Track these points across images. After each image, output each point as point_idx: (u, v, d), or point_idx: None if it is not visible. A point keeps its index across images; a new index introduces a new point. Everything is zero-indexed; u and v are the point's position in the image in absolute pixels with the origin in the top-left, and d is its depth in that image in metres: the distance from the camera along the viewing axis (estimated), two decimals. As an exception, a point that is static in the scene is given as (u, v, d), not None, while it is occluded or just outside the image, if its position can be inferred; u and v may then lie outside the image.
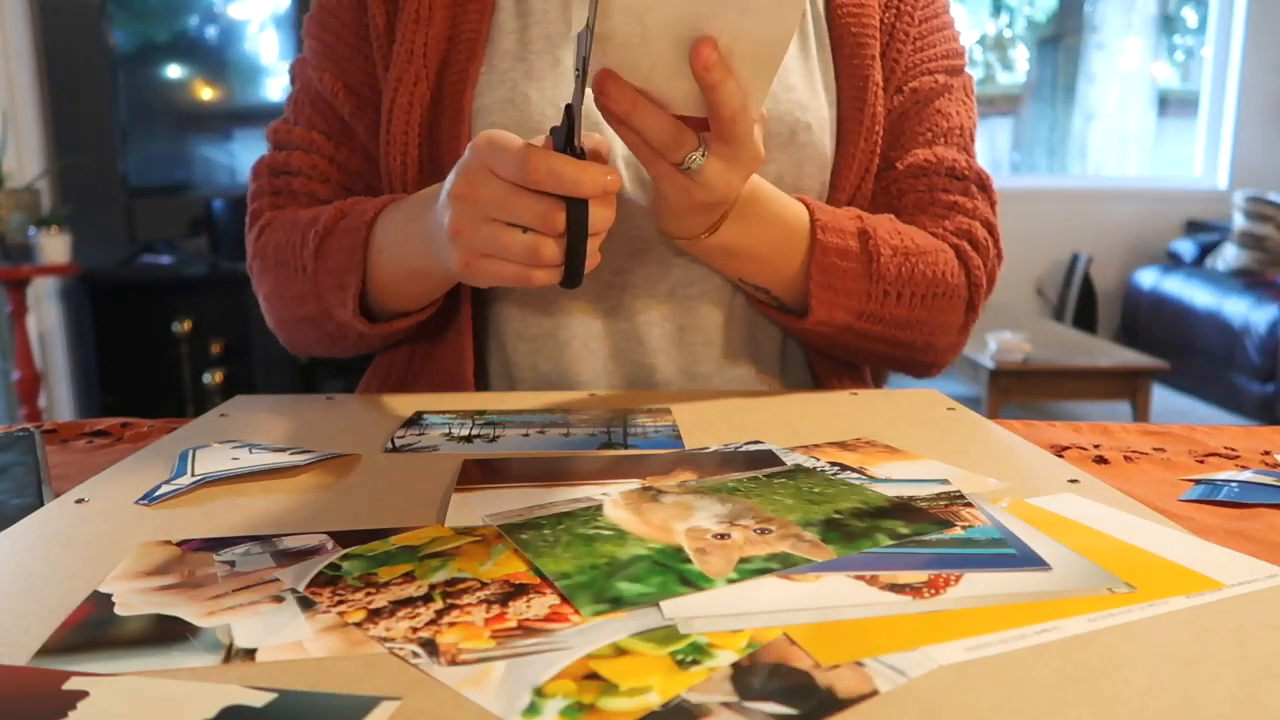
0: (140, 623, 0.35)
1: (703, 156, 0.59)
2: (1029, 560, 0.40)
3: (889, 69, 0.81)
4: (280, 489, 0.51)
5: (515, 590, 0.38)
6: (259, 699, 0.30)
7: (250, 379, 3.29)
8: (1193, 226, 4.82)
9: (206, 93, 3.61)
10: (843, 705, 0.29)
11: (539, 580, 0.38)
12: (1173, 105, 5.19)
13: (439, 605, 0.36)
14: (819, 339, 0.79)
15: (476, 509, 0.47)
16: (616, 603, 0.36)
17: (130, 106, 3.37)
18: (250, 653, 0.33)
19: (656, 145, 0.58)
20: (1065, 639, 0.33)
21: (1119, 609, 0.36)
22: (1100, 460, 0.60)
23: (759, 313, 0.81)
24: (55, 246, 2.88)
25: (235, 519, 0.46)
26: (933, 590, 0.37)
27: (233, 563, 0.41)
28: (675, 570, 0.39)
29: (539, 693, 0.30)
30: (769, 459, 0.55)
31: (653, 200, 0.67)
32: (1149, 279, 4.59)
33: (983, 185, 0.81)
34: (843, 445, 0.59)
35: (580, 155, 0.55)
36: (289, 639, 0.34)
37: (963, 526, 0.44)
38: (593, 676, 0.31)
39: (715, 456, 0.56)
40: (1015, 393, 3.18)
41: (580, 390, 0.78)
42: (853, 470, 0.53)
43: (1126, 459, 0.61)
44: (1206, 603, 0.36)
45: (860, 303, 0.74)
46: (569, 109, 0.56)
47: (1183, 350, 4.18)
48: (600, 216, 0.57)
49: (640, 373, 0.79)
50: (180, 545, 0.43)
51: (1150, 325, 4.52)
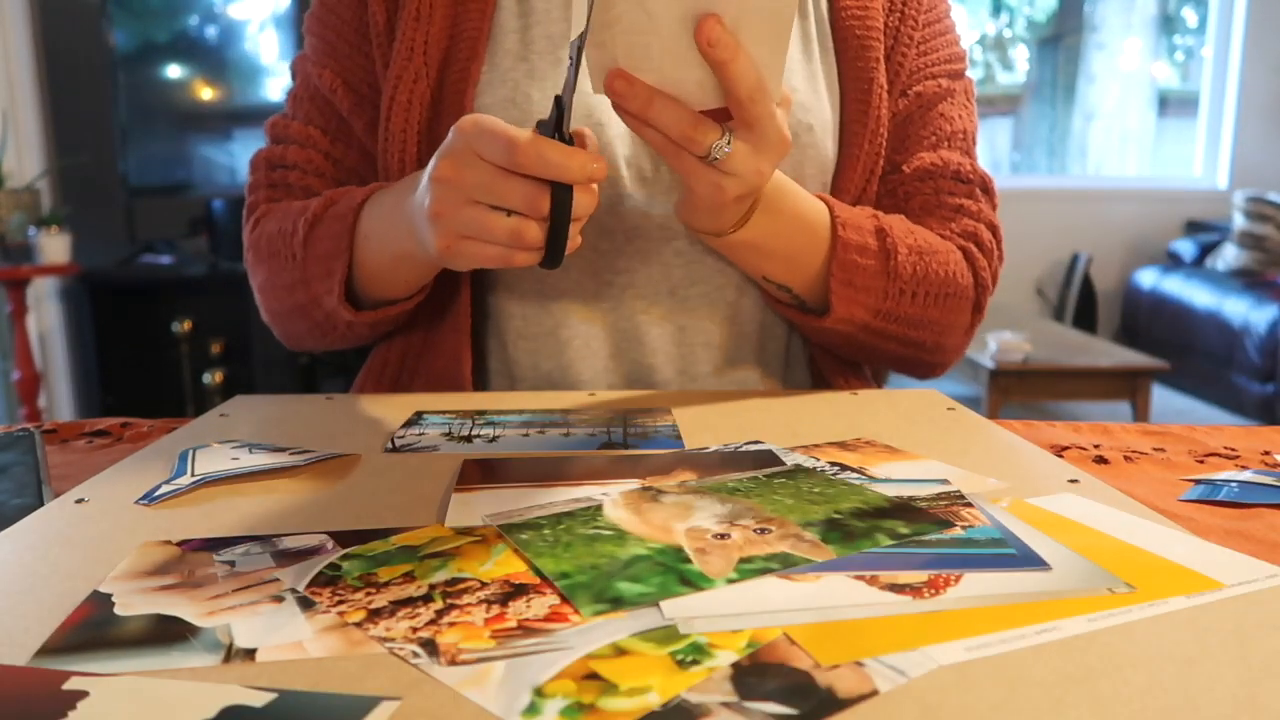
0: (140, 623, 0.35)
1: (728, 144, 0.59)
2: (1029, 560, 0.40)
3: (893, 72, 0.81)
4: (280, 489, 0.51)
5: (515, 590, 0.38)
6: (259, 699, 0.30)
7: (250, 379, 3.29)
8: (1193, 226, 4.82)
9: (206, 93, 3.61)
10: (843, 705, 0.29)
11: (539, 580, 0.38)
12: (1173, 105, 5.19)
13: (439, 605, 0.36)
14: (836, 338, 0.78)
15: (476, 509, 0.47)
16: (616, 603, 0.36)
17: (130, 106, 3.37)
18: (250, 653, 0.33)
19: (678, 138, 0.58)
20: (1065, 639, 0.33)
21: (1119, 609, 0.36)
22: (1100, 460, 0.60)
23: (775, 313, 0.82)
24: (55, 246, 2.88)
25: (235, 519, 0.46)
26: (933, 590, 0.37)
27: (233, 563, 0.41)
28: (675, 570, 0.39)
29: (539, 693, 0.30)
30: (769, 459, 0.55)
31: (681, 198, 0.67)
32: (1149, 279, 4.60)
33: (986, 188, 0.82)
34: (843, 445, 0.59)
35: (568, 142, 0.56)
36: (289, 639, 0.34)
37: (963, 526, 0.44)
38: (593, 676, 0.31)
39: (715, 456, 0.56)
40: (1015, 393, 3.18)
41: (580, 389, 0.78)
42: (853, 470, 0.53)
43: (1126, 459, 0.61)
44: (1206, 603, 0.36)
45: (878, 301, 0.75)
46: (558, 99, 0.56)
47: (1183, 350, 4.18)
48: (583, 202, 0.58)
49: (641, 372, 0.79)
50: (180, 545, 0.43)
51: (1150, 325, 4.52)
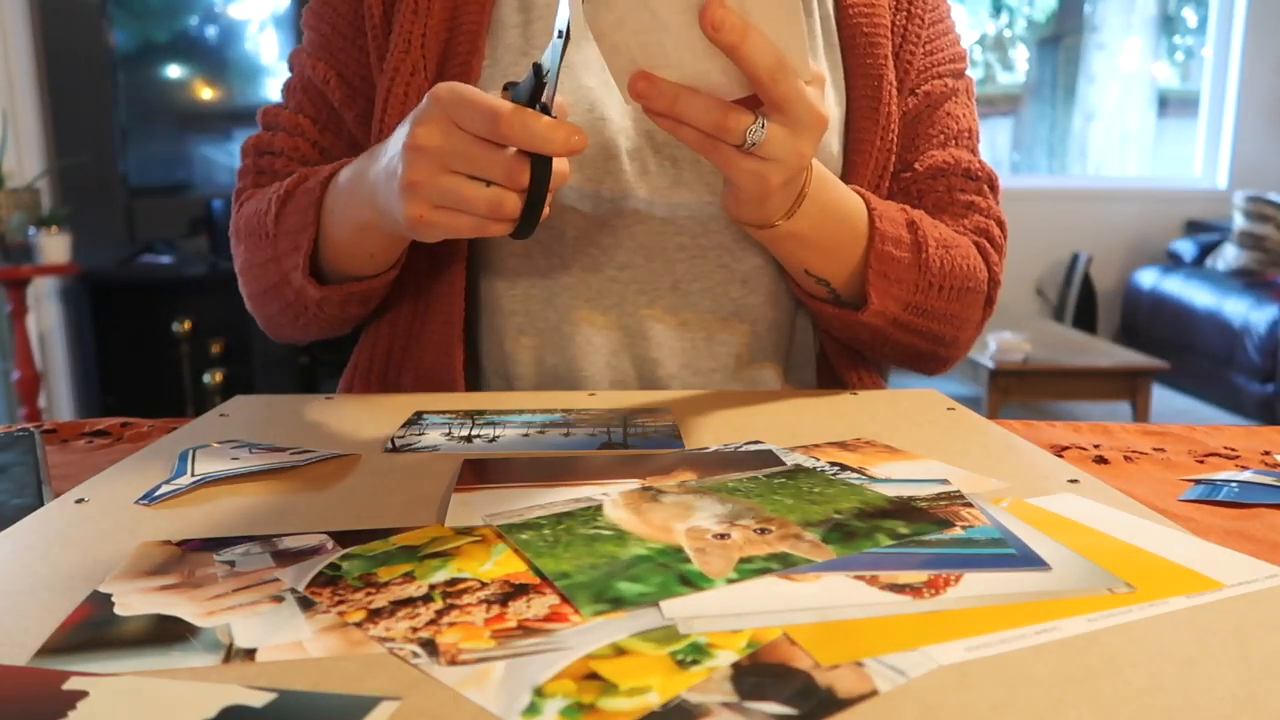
0: (140, 623, 0.35)
1: (762, 129, 0.57)
2: (1029, 560, 0.40)
3: (901, 71, 0.81)
4: (280, 489, 0.51)
5: (515, 590, 0.38)
6: (259, 699, 0.30)
7: (250, 379, 3.29)
8: (1193, 226, 4.82)
9: (206, 93, 3.61)
10: (843, 705, 0.29)
11: (539, 580, 0.38)
12: (1173, 105, 5.19)
13: (439, 605, 0.36)
14: (866, 333, 0.78)
15: (476, 509, 0.47)
16: (616, 603, 0.36)
17: (130, 106, 3.37)
18: (250, 653, 0.33)
19: (710, 129, 0.57)
20: (1065, 639, 0.33)
21: (1119, 609, 0.36)
22: (1100, 460, 0.60)
23: (782, 309, 0.82)
24: (55, 246, 2.88)
25: (235, 519, 0.46)
26: (933, 590, 0.37)
27: (233, 563, 0.41)
28: (675, 570, 0.39)
29: (539, 693, 0.30)
30: (769, 459, 0.55)
31: (726, 192, 0.66)
32: (1149, 279, 4.60)
33: (993, 185, 0.84)
34: (843, 445, 0.59)
35: (547, 113, 0.56)
36: (289, 639, 0.34)
37: (963, 526, 0.44)
38: (593, 676, 0.31)
39: (715, 456, 0.56)
40: (1015, 393, 3.18)
41: (584, 385, 0.78)
42: (853, 470, 0.53)
43: (1126, 459, 0.61)
44: (1206, 603, 0.36)
45: (909, 294, 0.75)
46: (537, 67, 0.56)
47: (1183, 350, 4.18)
48: (558, 174, 0.59)
49: (644, 368, 0.79)
50: (180, 545, 0.43)
51: (1150, 325, 4.52)
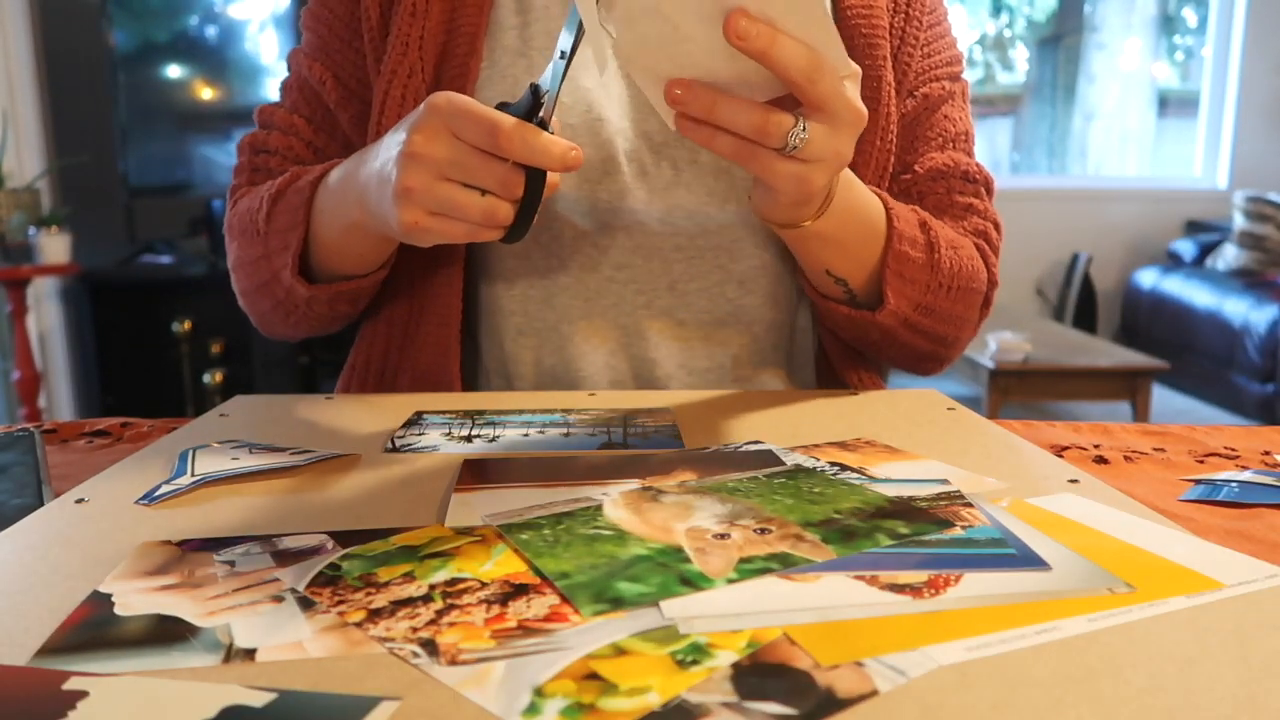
0: (140, 623, 0.35)
1: (804, 130, 0.55)
2: (1029, 560, 0.40)
3: (900, 73, 0.81)
4: (280, 489, 0.51)
5: (515, 590, 0.38)
6: (259, 699, 0.30)
7: (250, 379, 3.29)
8: (1193, 226, 4.82)
9: (206, 93, 3.61)
10: (843, 705, 0.29)
11: (539, 580, 0.38)
12: (1173, 105, 5.19)
13: (439, 605, 0.36)
14: (876, 334, 0.77)
15: (476, 509, 0.47)
16: (616, 603, 0.36)
17: (130, 106, 3.37)
18: (250, 653, 0.33)
19: (751, 133, 0.55)
20: (1065, 639, 0.33)
21: (1119, 609, 0.36)
22: (1100, 460, 0.60)
23: (781, 310, 0.82)
24: (55, 246, 2.88)
25: (235, 519, 0.46)
26: (933, 590, 0.37)
27: (233, 563, 0.41)
28: (675, 570, 0.39)
29: (539, 693, 0.30)
30: (769, 459, 0.55)
31: (759, 196, 0.65)
32: (1149, 279, 4.60)
33: (989, 188, 0.84)
34: (843, 445, 0.59)
35: (546, 129, 0.58)
36: (289, 639, 0.34)
37: (963, 526, 0.44)
38: (593, 676, 0.31)
39: (715, 456, 0.56)
40: (1015, 393, 3.18)
41: (583, 385, 0.78)
42: (853, 470, 0.53)
43: (1126, 459, 0.61)
44: (1206, 603, 0.36)
45: (920, 294, 0.75)
46: (535, 88, 0.58)
47: (1183, 350, 4.18)
48: (549, 184, 0.60)
49: (642, 367, 0.79)
50: (180, 545, 0.43)
51: (1150, 325, 4.52)
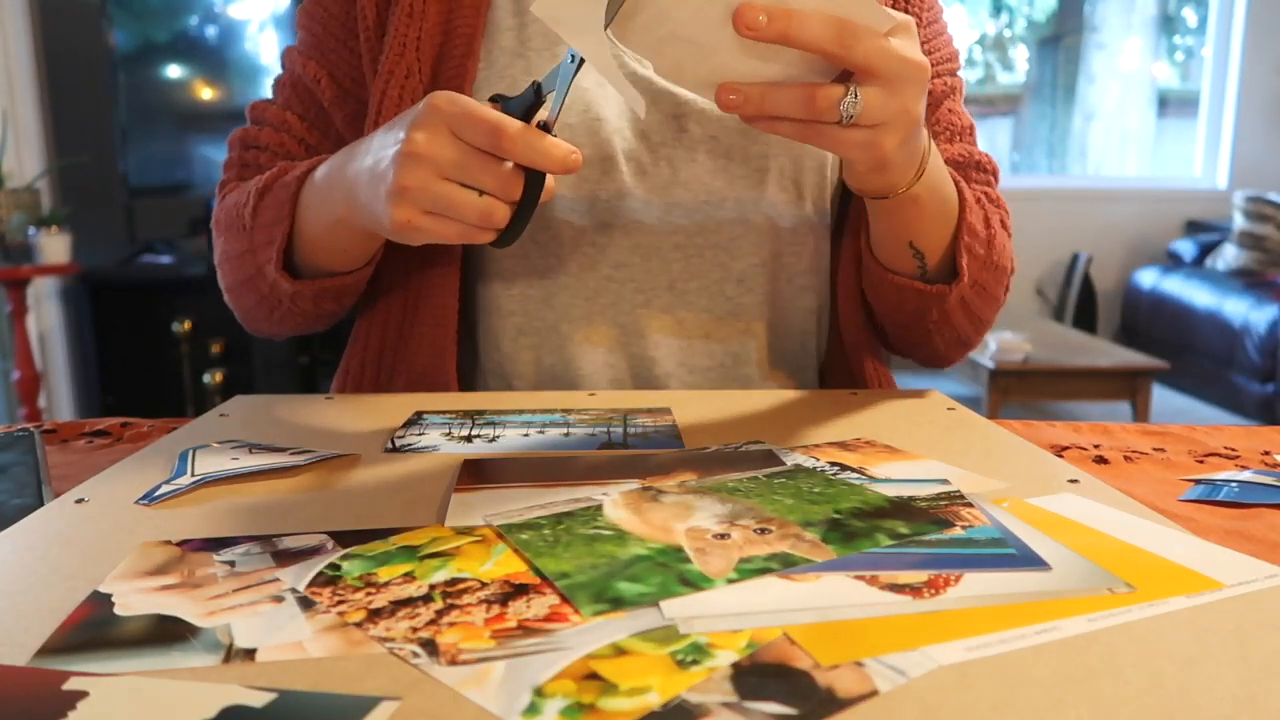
0: (140, 623, 0.35)
1: (856, 98, 0.54)
2: (1029, 560, 0.40)
3: None
4: (280, 489, 0.51)
5: (515, 590, 0.38)
6: (259, 699, 0.30)
7: (250, 379, 3.29)
8: (1193, 226, 4.82)
9: (206, 93, 3.61)
10: (843, 705, 0.29)
11: (539, 580, 0.38)
12: (1173, 105, 5.19)
13: (439, 605, 0.36)
14: (938, 311, 0.77)
15: (476, 509, 0.47)
16: (616, 603, 0.36)
17: (130, 106, 3.37)
18: (250, 653, 0.33)
19: (807, 115, 0.55)
20: (1065, 639, 0.33)
21: (1119, 609, 0.36)
22: (1100, 460, 0.60)
23: (781, 308, 0.81)
24: (55, 246, 2.88)
25: (235, 519, 0.46)
26: (933, 590, 0.37)
27: (233, 563, 0.41)
28: (675, 570, 0.39)
29: (539, 693, 0.30)
30: (769, 459, 0.55)
31: (844, 170, 0.65)
32: (1149, 279, 4.60)
33: (997, 177, 0.85)
34: (843, 445, 0.59)
35: (549, 132, 0.58)
36: (289, 639, 0.34)
37: (963, 526, 0.44)
38: (593, 676, 0.31)
39: (715, 456, 0.56)
40: (1015, 393, 3.18)
41: (582, 384, 0.78)
42: (853, 470, 0.53)
43: (1126, 459, 0.61)
44: (1206, 603, 0.36)
45: (978, 269, 0.75)
46: (537, 86, 0.58)
47: (1183, 350, 4.18)
48: (546, 188, 0.60)
49: (641, 366, 0.79)
50: (180, 545, 0.43)
51: (1150, 325, 4.52)
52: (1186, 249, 4.64)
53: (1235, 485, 0.54)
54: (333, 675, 0.31)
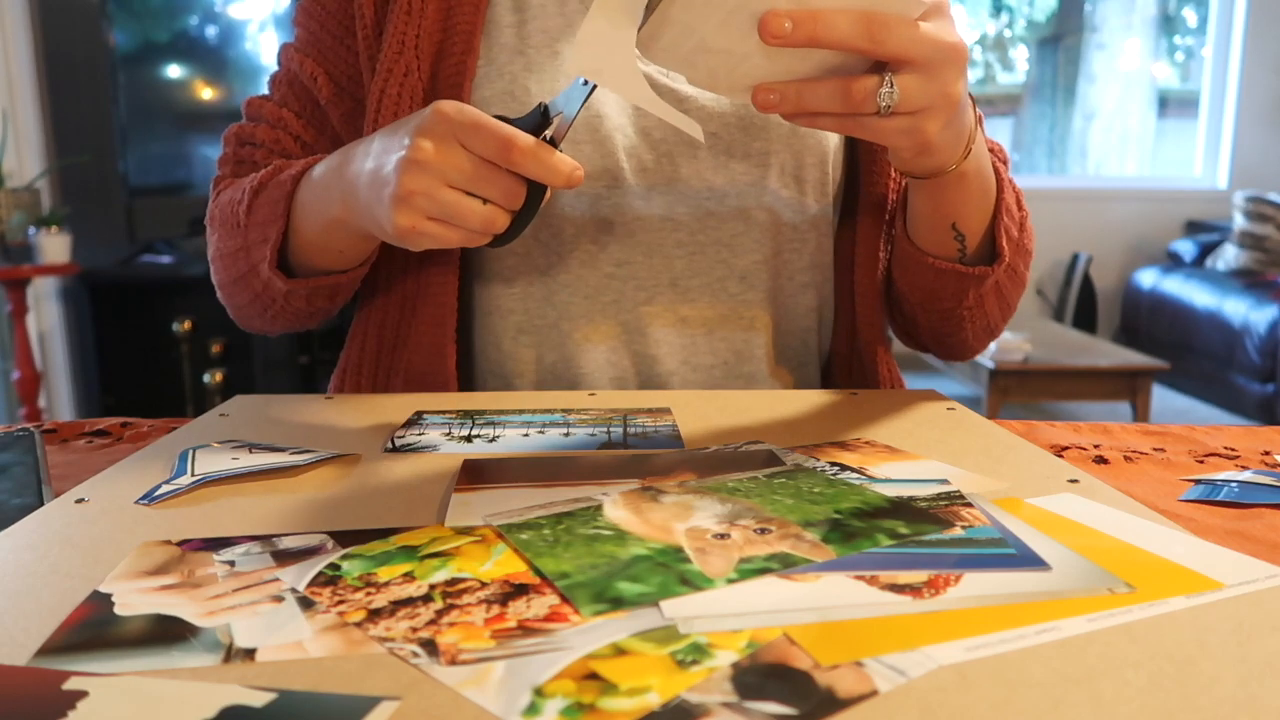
0: (140, 623, 0.35)
1: (892, 87, 0.54)
2: (1029, 560, 0.40)
3: None
4: (280, 489, 0.51)
5: (515, 590, 0.38)
6: (259, 699, 0.30)
7: (250, 379, 3.29)
8: (1193, 226, 4.82)
9: (206, 93, 3.61)
10: (843, 705, 0.29)
11: (539, 580, 0.38)
12: (1173, 105, 5.19)
13: (439, 605, 0.36)
14: (974, 295, 0.76)
15: (476, 509, 0.47)
16: (616, 603, 0.36)
17: (130, 106, 3.37)
18: (250, 653, 0.33)
19: (844, 109, 0.55)
20: (1065, 639, 0.33)
21: (1119, 609, 0.36)
22: (1100, 460, 0.60)
23: (784, 306, 0.81)
24: (55, 246, 2.88)
25: (235, 519, 0.46)
26: (933, 590, 0.37)
27: (233, 563, 0.41)
28: (675, 570, 0.39)
29: (539, 693, 0.30)
30: (769, 459, 0.55)
31: (891, 155, 0.65)
32: (1149, 279, 4.60)
33: (1008, 166, 0.85)
34: (843, 445, 0.59)
35: (555, 148, 0.60)
36: (289, 639, 0.34)
37: (963, 526, 0.44)
38: (593, 676, 0.31)
39: (715, 456, 0.56)
40: (1015, 393, 3.18)
41: (584, 382, 0.78)
42: (853, 470, 0.53)
43: (1126, 459, 0.61)
44: (1206, 603, 0.36)
45: (1013, 251, 0.75)
46: (545, 108, 0.60)
47: (1183, 350, 4.18)
48: (546, 195, 0.62)
49: (643, 364, 0.79)
50: (180, 545, 0.43)
51: (1150, 325, 4.52)
52: (1186, 249, 4.64)
53: (1235, 485, 0.54)
54: (333, 675, 0.31)
